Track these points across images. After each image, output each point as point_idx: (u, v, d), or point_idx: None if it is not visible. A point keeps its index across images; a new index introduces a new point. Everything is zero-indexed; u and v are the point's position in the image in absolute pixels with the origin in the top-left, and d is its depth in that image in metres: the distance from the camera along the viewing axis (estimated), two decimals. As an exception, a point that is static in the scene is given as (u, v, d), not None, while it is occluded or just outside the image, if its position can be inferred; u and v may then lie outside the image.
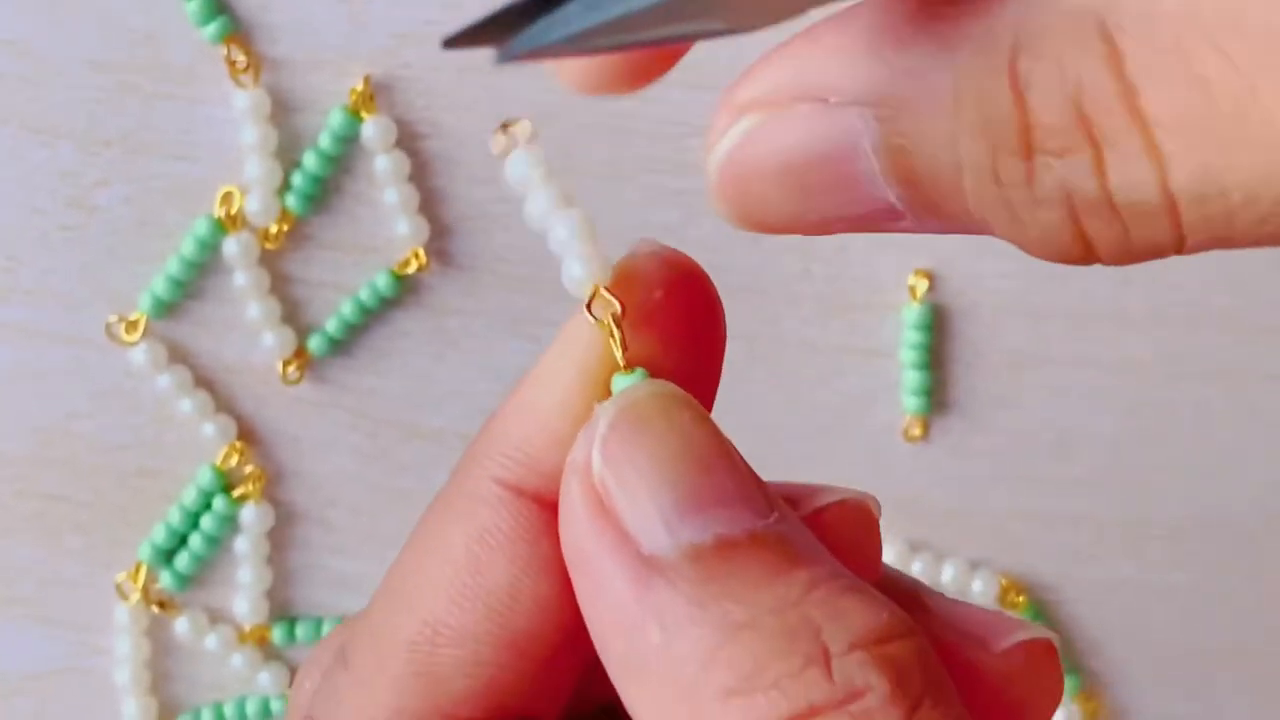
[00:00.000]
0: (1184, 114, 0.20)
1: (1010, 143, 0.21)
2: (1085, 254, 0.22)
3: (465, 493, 0.25)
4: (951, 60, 0.21)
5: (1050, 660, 0.27)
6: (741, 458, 0.24)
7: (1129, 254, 0.21)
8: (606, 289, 0.25)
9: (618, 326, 0.25)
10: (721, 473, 0.24)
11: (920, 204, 0.22)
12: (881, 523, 0.27)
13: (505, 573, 0.25)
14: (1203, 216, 0.20)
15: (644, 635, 0.23)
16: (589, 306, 0.25)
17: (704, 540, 0.23)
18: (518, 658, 0.25)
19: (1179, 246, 0.21)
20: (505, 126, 0.27)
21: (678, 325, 0.26)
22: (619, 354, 0.25)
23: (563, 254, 0.26)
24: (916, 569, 0.46)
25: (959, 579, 0.46)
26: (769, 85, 0.23)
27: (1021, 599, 0.46)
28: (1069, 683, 0.47)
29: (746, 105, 0.23)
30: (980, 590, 0.46)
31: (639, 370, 0.25)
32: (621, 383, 0.25)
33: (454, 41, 0.23)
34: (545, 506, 0.25)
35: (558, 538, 0.25)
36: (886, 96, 0.22)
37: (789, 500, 0.25)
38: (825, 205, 0.23)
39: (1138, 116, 0.20)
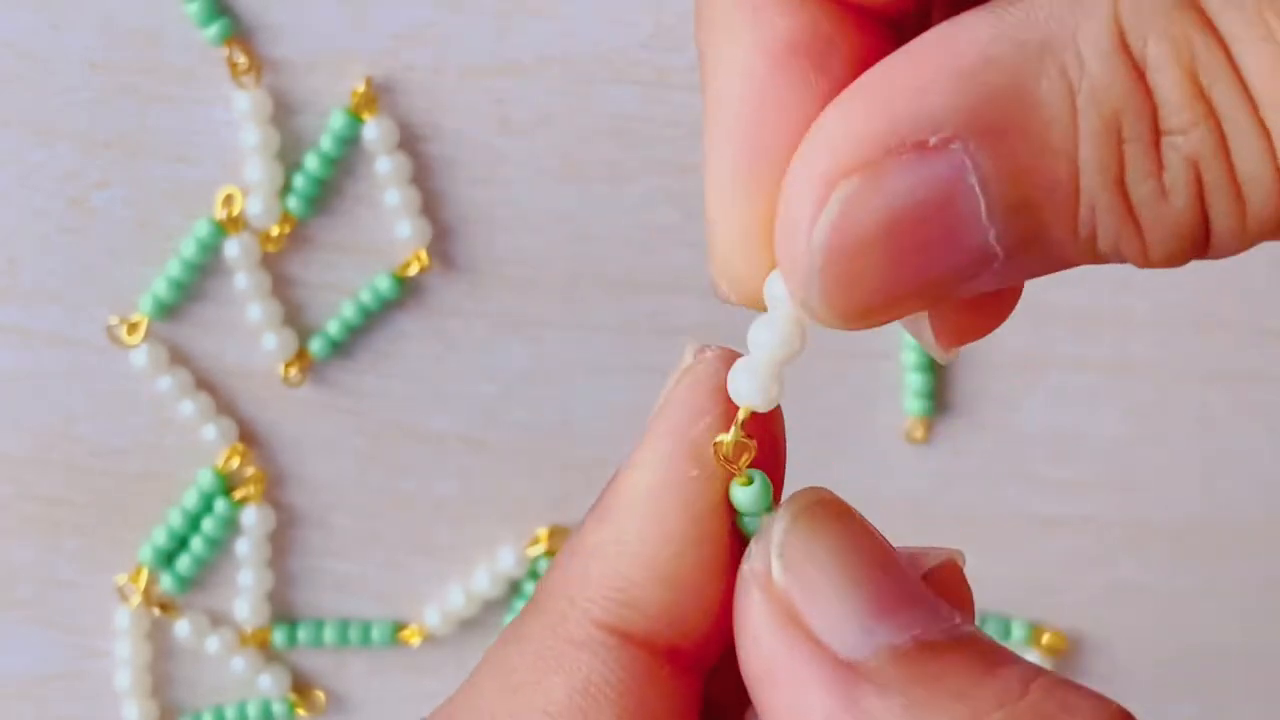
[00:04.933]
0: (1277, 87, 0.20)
1: (1138, 131, 0.20)
2: (1203, 245, 0.21)
3: (563, 637, 0.24)
4: (1055, 62, 0.20)
5: (958, 576, 0.27)
6: None
7: (1242, 237, 0.21)
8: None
9: (747, 436, 0.24)
10: (901, 576, 0.23)
11: (1024, 235, 0.21)
12: (881, 525, 0.27)
13: None
14: None
15: None
16: (743, 424, 0.24)
17: (903, 642, 0.22)
18: None
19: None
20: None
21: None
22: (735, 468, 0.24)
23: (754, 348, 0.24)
24: (918, 571, 0.45)
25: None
26: (854, 140, 0.21)
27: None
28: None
29: (838, 171, 0.21)
30: (983, 592, 0.46)
31: (758, 474, 0.24)
32: (742, 493, 0.24)
33: None
34: (650, 651, 0.24)
35: (662, 686, 0.23)
36: (988, 122, 0.21)
37: None
38: (927, 263, 0.21)
39: (1245, 90, 0.20)
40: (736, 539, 0.24)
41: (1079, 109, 0.20)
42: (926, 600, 0.23)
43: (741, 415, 0.24)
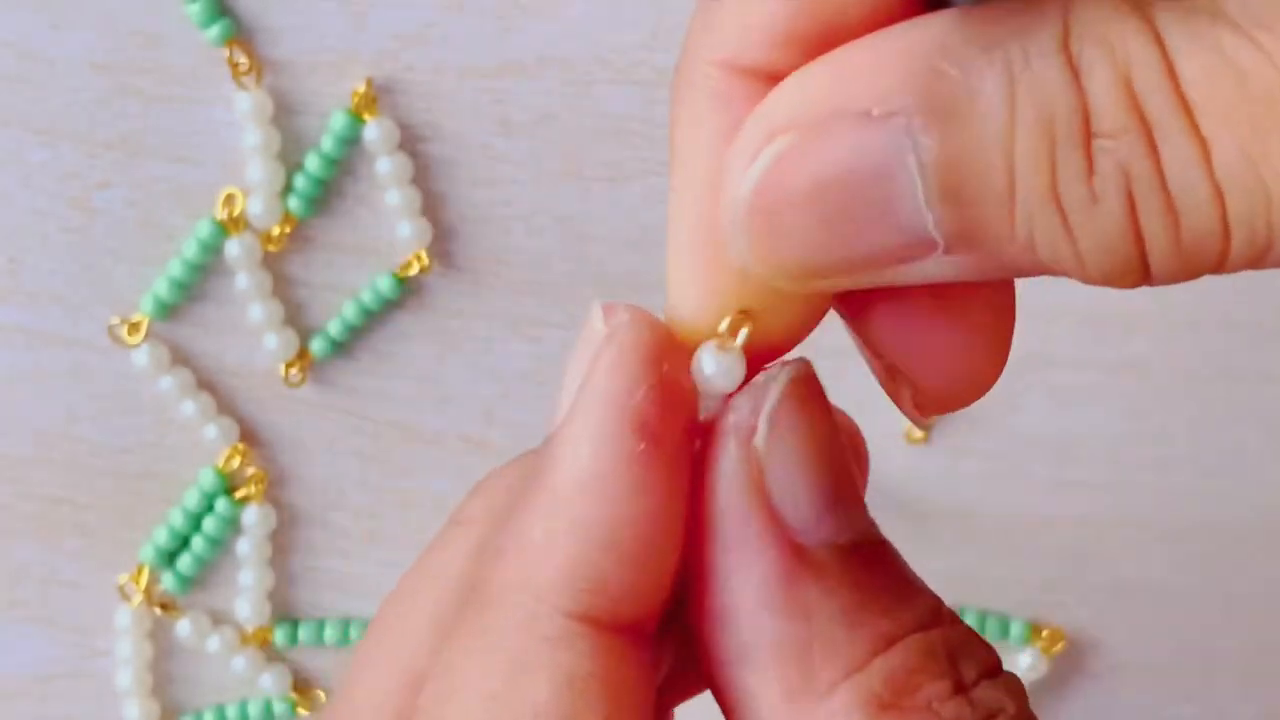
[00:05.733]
0: (1221, 99, 0.20)
1: (1069, 131, 0.20)
2: (1139, 261, 0.21)
3: (537, 635, 0.23)
4: (1001, 56, 0.21)
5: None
6: None
7: (1180, 258, 0.21)
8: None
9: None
10: (850, 469, 0.24)
11: (961, 227, 0.21)
12: (882, 524, 0.27)
13: (600, 717, 0.23)
14: (1247, 208, 0.20)
15: (789, 624, 0.23)
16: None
17: (844, 540, 0.23)
18: None
19: (1223, 252, 0.21)
20: None
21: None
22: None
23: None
24: (918, 571, 0.46)
25: (961, 582, 0.46)
26: (802, 102, 0.22)
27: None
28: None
29: (780, 126, 0.22)
30: (983, 592, 0.46)
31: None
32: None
33: None
34: (619, 632, 0.23)
35: (635, 663, 0.23)
36: (933, 102, 0.21)
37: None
38: (859, 235, 0.22)
39: (1181, 99, 0.20)
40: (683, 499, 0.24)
41: (1016, 103, 0.21)
42: (861, 498, 0.24)
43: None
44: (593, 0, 0.42)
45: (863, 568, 0.23)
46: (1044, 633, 0.46)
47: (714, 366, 0.24)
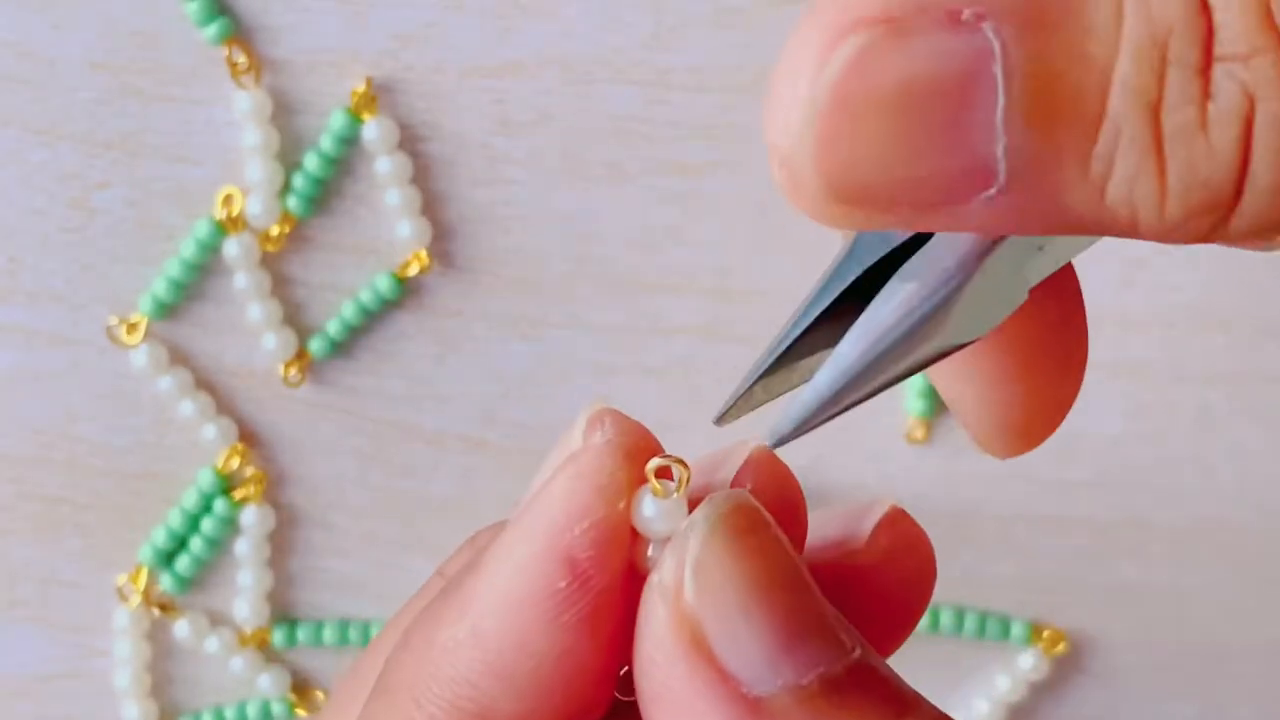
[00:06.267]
0: None
1: (1186, 51, 0.19)
2: (1231, 200, 0.19)
3: None
4: None
5: (907, 522, 0.26)
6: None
7: (1275, 207, 0.19)
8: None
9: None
10: (810, 599, 0.22)
11: (1032, 156, 0.19)
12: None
13: None
14: None
15: None
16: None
17: (809, 681, 0.21)
18: None
19: None
20: None
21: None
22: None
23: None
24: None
25: (962, 582, 0.46)
26: None
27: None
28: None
29: (858, 21, 0.19)
30: (984, 592, 0.46)
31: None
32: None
33: (724, 419, 0.22)
34: None
35: None
36: (1029, 9, 0.19)
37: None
38: (931, 149, 0.19)
39: None
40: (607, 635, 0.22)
41: (1124, 16, 0.19)
42: (831, 627, 0.22)
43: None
44: (593, 0, 0.42)
45: (835, 705, 0.21)
46: (1045, 633, 0.46)
47: (653, 509, 0.22)
